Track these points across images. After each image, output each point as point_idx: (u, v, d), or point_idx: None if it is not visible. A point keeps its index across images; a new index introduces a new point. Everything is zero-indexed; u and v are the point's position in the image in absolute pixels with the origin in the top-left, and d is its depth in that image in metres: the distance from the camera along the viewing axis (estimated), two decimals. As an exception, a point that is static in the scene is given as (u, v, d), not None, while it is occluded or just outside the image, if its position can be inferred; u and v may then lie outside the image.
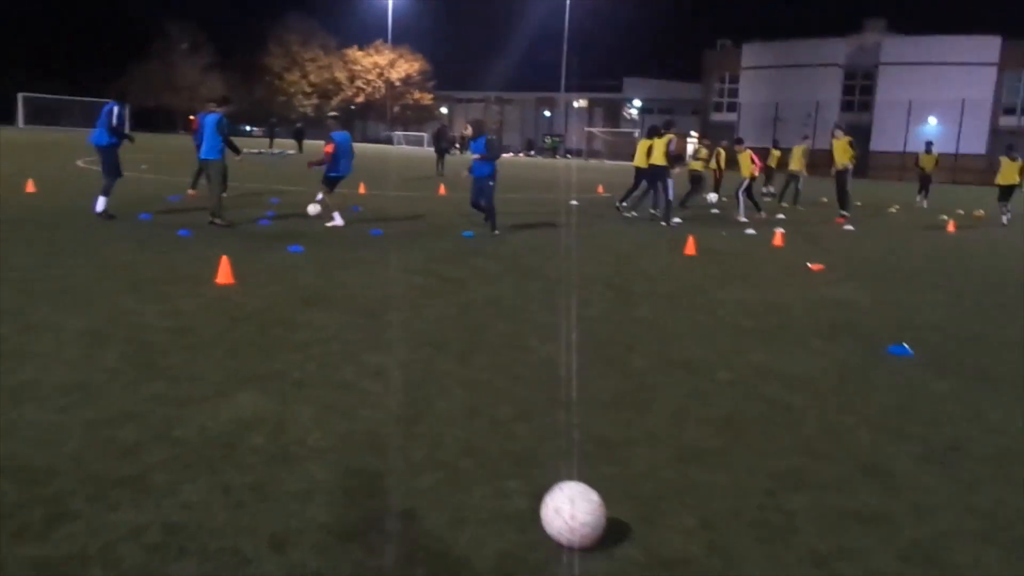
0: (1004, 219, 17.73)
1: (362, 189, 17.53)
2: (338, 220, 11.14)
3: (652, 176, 14.12)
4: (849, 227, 14.86)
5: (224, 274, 6.97)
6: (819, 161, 22.60)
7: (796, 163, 19.86)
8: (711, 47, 58.30)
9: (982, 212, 18.19)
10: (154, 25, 70.49)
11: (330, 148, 10.92)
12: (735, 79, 54.32)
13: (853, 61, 49.14)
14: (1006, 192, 17.88)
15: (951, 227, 15.30)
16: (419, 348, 5.20)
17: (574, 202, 18.13)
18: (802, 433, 4.00)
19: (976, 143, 43.44)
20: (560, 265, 8.95)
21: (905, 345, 5.69)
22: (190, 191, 14.25)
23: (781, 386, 4.75)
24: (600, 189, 22.74)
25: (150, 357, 4.69)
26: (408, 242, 10.24)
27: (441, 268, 8.35)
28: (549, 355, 5.19)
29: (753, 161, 15.66)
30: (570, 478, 3.28)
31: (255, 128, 44.07)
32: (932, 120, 44.29)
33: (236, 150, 11.15)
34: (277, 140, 40.93)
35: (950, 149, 41.46)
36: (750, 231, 13.28)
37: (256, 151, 34.20)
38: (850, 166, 15.75)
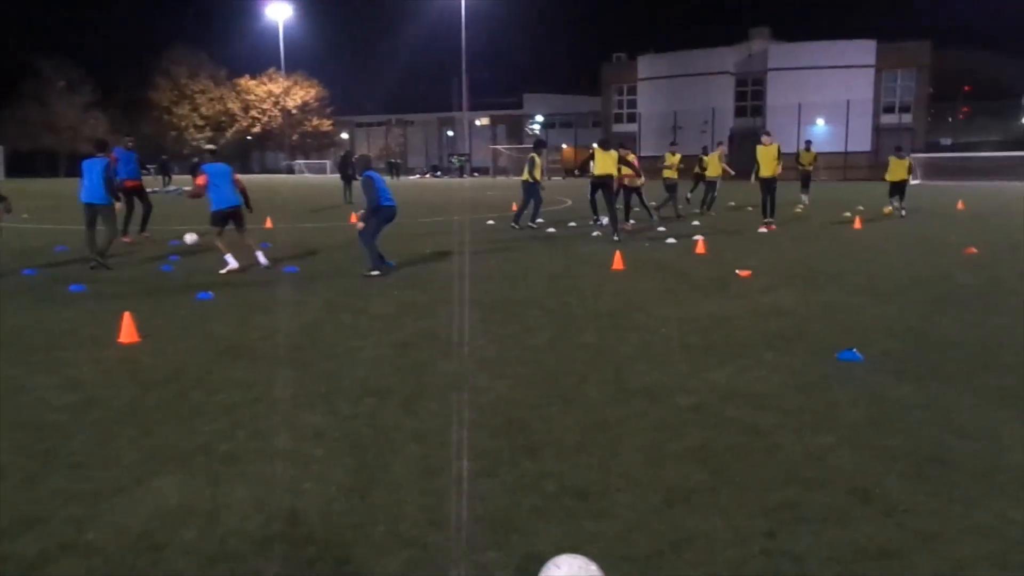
0: (900, 213, 18.53)
1: (268, 223, 16.75)
2: (232, 263, 10.16)
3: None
4: (762, 229, 15.13)
5: (128, 331, 6.30)
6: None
7: (714, 170, 19.89)
8: (607, 60, 59.57)
9: (890, 209, 18.91)
10: (25, 63, 66.49)
11: (201, 180, 10.16)
12: (633, 90, 55.60)
13: (743, 68, 51.13)
14: (897, 187, 18.70)
15: (858, 223, 15.81)
16: (359, 399, 4.74)
17: (490, 222, 17.86)
18: (784, 459, 3.78)
19: (862, 141, 45.84)
20: (490, 290, 8.61)
21: (855, 351, 5.61)
22: (124, 239, 12.97)
23: (747, 407, 4.54)
24: (514, 206, 22.53)
25: (48, 443, 4.06)
26: (326, 278, 9.68)
27: (366, 303, 7.87)
28: (501, 394, 4.83)
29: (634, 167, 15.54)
30: (554, 543, 2.94)
31: (148, 166, 41.94)
32: (820, 121, 46.49)
33: (116, 196, 10.52)
34: (173, 176, 39.01)
35: (839, 148, 43.77)
36: (670, 240, 13.30)
37: (150, 190, 32.54)
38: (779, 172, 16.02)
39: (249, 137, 78.79)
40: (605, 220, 14.81)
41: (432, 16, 72.33)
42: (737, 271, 9.61)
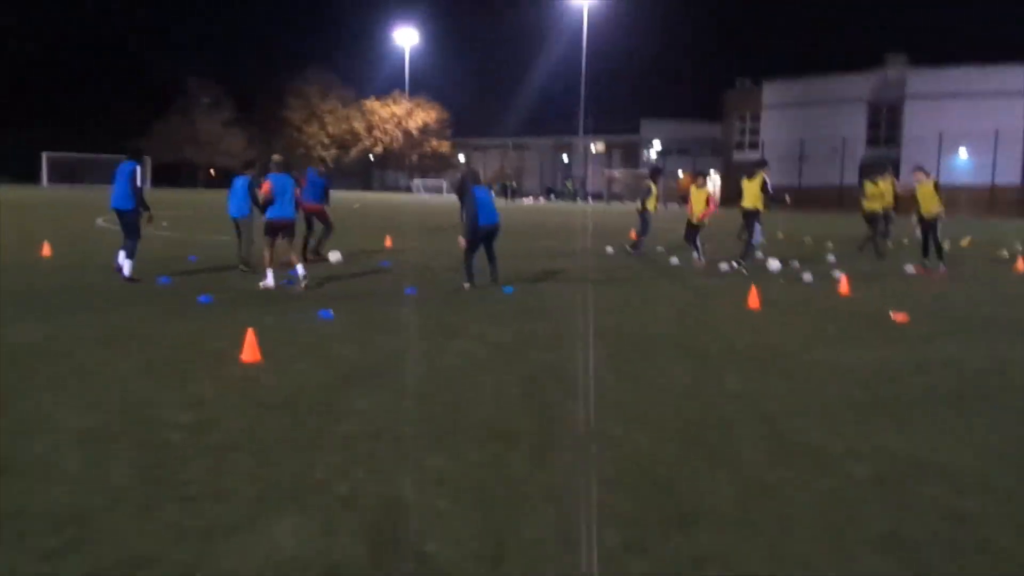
0: None
1: (388, 242, 16.86)
2: (269, 280, 9.87)
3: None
4: (911, 270, 13.86)
5: (250, 350, 6.17)
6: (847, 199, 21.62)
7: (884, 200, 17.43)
8: (731, 86, 58.03)
9: None
10: (175, 82, 71.71)
11: (266, 187, 10.06)
12: (756, 117, 53.83)
13: (878, 96, 48.49)
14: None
15: (1021, 264, 14.28)
16: (485, 443, 4.33)
17: (609, 249, 17.33)
18: (1003, 560, 3.08)
19: (1011, 173, 42.40)
20: (616, 323, 8.09)
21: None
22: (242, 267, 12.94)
23: (940, 484, 3.82)
24: (633, 234, 21.93)
25: (165, 467, 3.86)
26: (445, 301, 9.43)
27: (486, 330, 7.51)
28: (640, 447, 4.31)
29: (708, 203, 14.45)
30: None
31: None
32: (963, 152, 43.39)
33: (260, 208, 10.57)
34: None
35: (985, 180, 40.62)
36: (806, 277, 12.36)
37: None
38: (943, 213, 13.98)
39: (372, 156, 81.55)
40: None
41: (553, 41, 72.79)
42: (892, 314, 8.69)
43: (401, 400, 5.12)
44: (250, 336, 6.23)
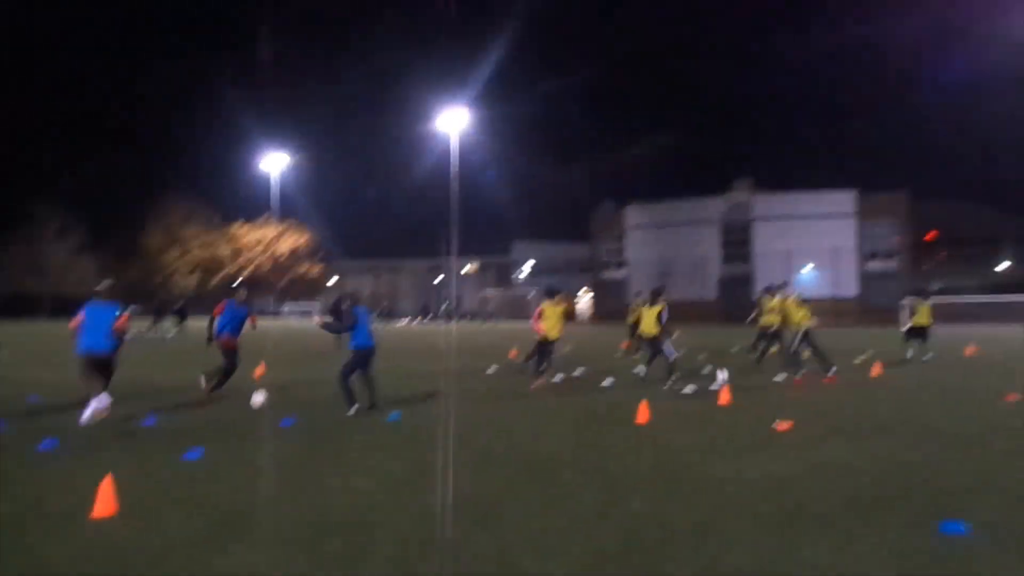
0: (926, 357, 18.13)
1: (260, 370, 15.94)
2: (88, 409, 9.02)
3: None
4: (777, 379, 14.48)
5: (105, 502, 5.40)
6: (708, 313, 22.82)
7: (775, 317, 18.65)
8: (596, 209, 61.19)
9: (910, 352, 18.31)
10: (19, 209, 67.38)
11: (77, 319, 9.37)
12: (621, 238, 56.73)
13: (729, 217, 52.49)
14: (919, 332, 18.44)
15: (877, 369, 15.22)
16: (390, 593, 3.86)
17: (490, 370, 17.15)
18: None
19: (848, 286, 46.45)
20: (513, 445, 7.78)
21: (959, 522, 4.82)
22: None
23: (869, 601, 3.70)
24: (513, 353, 21.95)
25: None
26: (329, 433, 8.82)
27: (378, 463, 7.00)
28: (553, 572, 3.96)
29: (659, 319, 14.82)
30: None
31: (136, 306, 41.00)
32: (809, 266, 47.24)
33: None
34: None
35: (827, 293, 44.18)
36: (688, 388, 12.60)
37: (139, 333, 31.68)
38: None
39: (235, 284, 79.10)
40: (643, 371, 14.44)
41: (423, 167, 74.86)
42: (776, 424, 8.87)
43: (286, 551, 4.55)
44: (106, 484, 5.48)
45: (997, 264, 68.48)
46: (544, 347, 14.44)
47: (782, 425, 8.77)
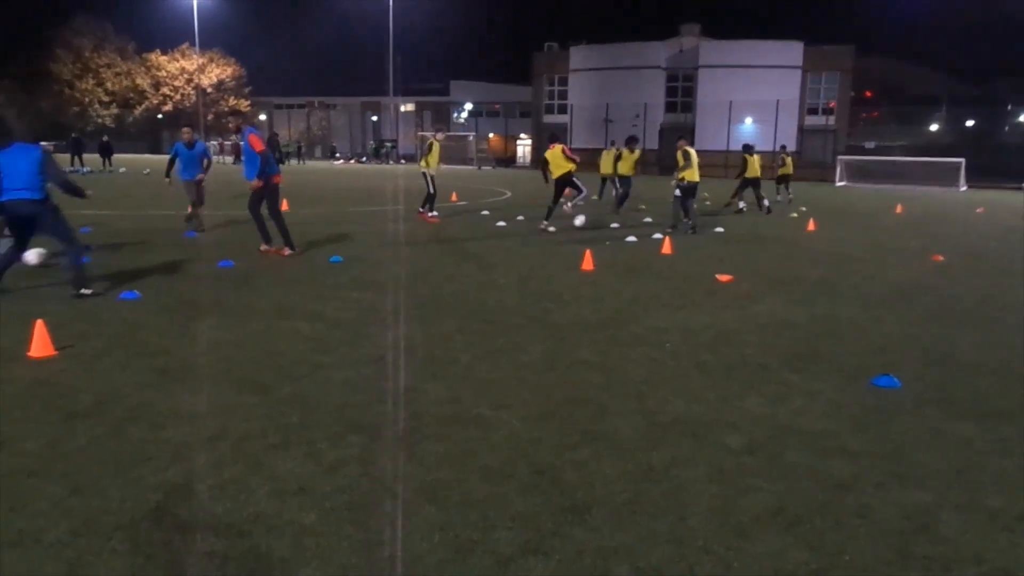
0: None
1: (190, 209, 15.34)
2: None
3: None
4: (719, 228, 14.75)
5: (41, 344, 5.21)
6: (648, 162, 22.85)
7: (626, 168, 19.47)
8: (539, 50, 58.91)
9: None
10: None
11: None
12: (564, 81, 55.12)
13: (674, 64, 51.32)
14: (784, 180, 23.21)
15: (811, 225, 15.61)
16: (343, 438, 3.88)
17: (433, 213, 16.93)
18: (886, 528, 3.13)
19: (788, 140, 46.71)
20: (458, 292, 7.78)
21: (892, 376, 5.07)
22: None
23: (806, 450, 3.90)
24: (454, 197, 21.67)
25: (-59, 507, 3.06)
26: (268, 274, 8.65)
27: (322, 307, 6.92)
28: (514, 431, 4.05)
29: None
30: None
31: (52, 143, 38.02)
32: (748, 120, 47.14)
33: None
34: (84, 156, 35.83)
35: (768, 147, 44.29)
36: (631, 239, 12.73)
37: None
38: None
39: (160, 116, 74.66)
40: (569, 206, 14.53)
41: (358, -3, 69.91)
42: (717, 276, 9.08)
43: (235, 395, 4.50)
44: (39, 328, 5.26)
45: (930, 124, 69.83)
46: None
47: (723, 278, 8.98)
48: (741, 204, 19.38)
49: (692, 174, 13.89)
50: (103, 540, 2.86)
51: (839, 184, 38.54)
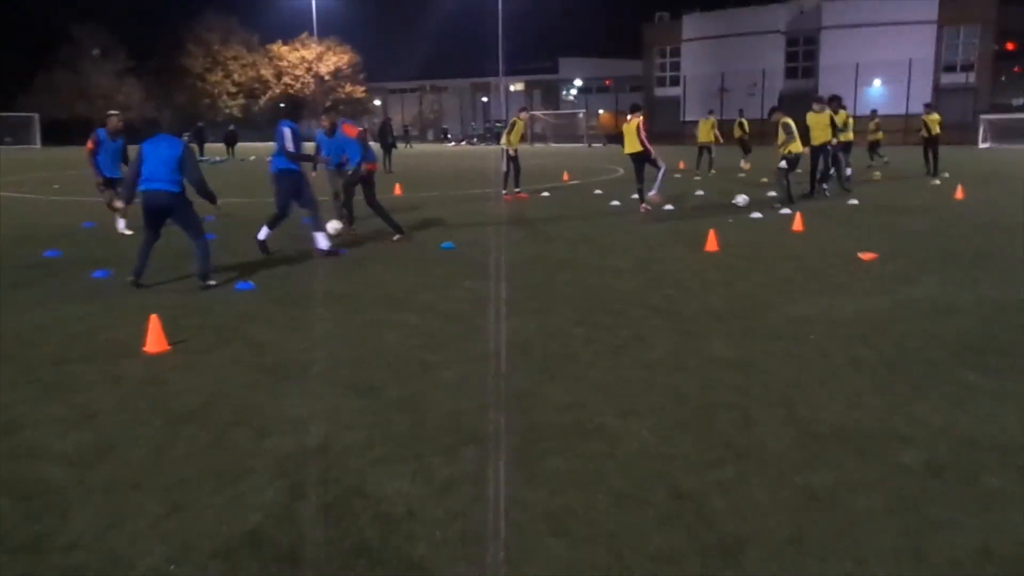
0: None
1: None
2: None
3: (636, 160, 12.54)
4: (853, 200, 13.58)
5: (155, 339, 5.15)
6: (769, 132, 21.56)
7: (705, 136, 22.14)
8: (649, 20, 57.14)
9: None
10: (59, 31, 65.77)
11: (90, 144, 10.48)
12: (676, 52, 53.18)
13: (794, 27, 48.47)
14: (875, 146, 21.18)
15: (959, 192, 14.15)
16: (456, 450, 3.51)
17: (545, 193, 16.51)
18: None
19: (923, 102, 43.32)
20: (574, 280, 7.32)
21: (1097, 374, 4.25)
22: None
23: (1001, 467, 3.22)
24: (566, 176, 21.17)
25: (41, 524, 2.90)
26: (381, 263, 8.46)
27: (433, 298, 6.63)
28: (645, 444, 3.57)
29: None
30: None
31: (184, 134, 40.33)
32: (877, 82, 43.98)
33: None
34: (207, 146, 37.72)
35: (899, 111, 41.23)
36: (755, 214, 11.86)
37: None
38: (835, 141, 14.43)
39: (283, 104, 77.69)
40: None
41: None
42: (859, 254, 8.20)
43: (341, 398, 4.24)
44: (154, 323, 5.20)
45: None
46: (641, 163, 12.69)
47: (866, 256, 8.10)
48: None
49: (796, 146, 13.10)
50: (198, 570, 2.60)
51: (983, 146, 35.41)
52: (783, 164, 13.14)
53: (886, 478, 3.19)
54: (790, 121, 13.27)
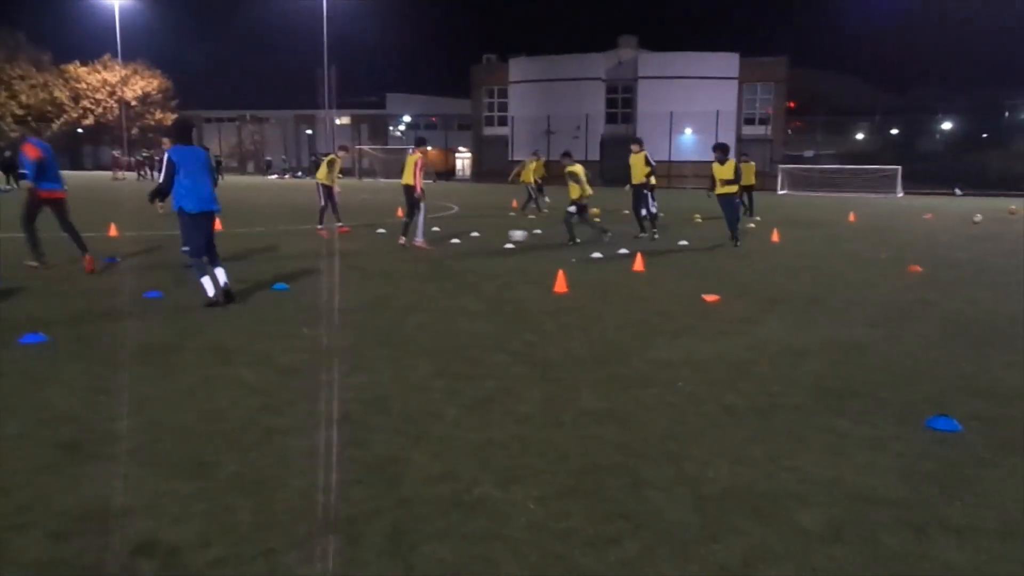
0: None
1: (113, 231, 13.99)
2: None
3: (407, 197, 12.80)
4: (683, 242, 14.17)
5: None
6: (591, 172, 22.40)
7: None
8: (477, 62, 58.27)
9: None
10: None
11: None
12: (504, 93, 54.61)
13: (613, 75, 51.33)
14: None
15: (775, 236, 15.17)
16: (309, 545, 2.92)
17: (381, 230, 15.93)
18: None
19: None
20: (426, 324, 6.84)
21: (950, 417, 4.37)
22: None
23: (905, 529, 3.12)
24: (399, 212, 20.63)
25: None
26: (210, 310, 7.52)
27: (268, 348, 5.90)
28: (535, 521, 3.16)
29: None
30: None
31: None
32: (688, 131, 47.39)
33: None
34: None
35: (707, 158, 44.48)
36: (596, 255, 11.99)
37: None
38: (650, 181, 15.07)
39: (80, 130, 71.24)
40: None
41: (291, 6, 67.99)
42: (703, 296, 8.36)
43: (168, 482, 3.48)
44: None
45: (855, 133, 71.83)
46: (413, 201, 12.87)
47: (710, 298, 8.27)
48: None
49: (585, 191, 13.62)
50: None
51: (781, 192, 38.92)
52: (572, 208, 13.53)
53: (792, 546, 2.98)
54: (577, 170, 13.68)
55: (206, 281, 7.60)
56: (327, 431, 4.14)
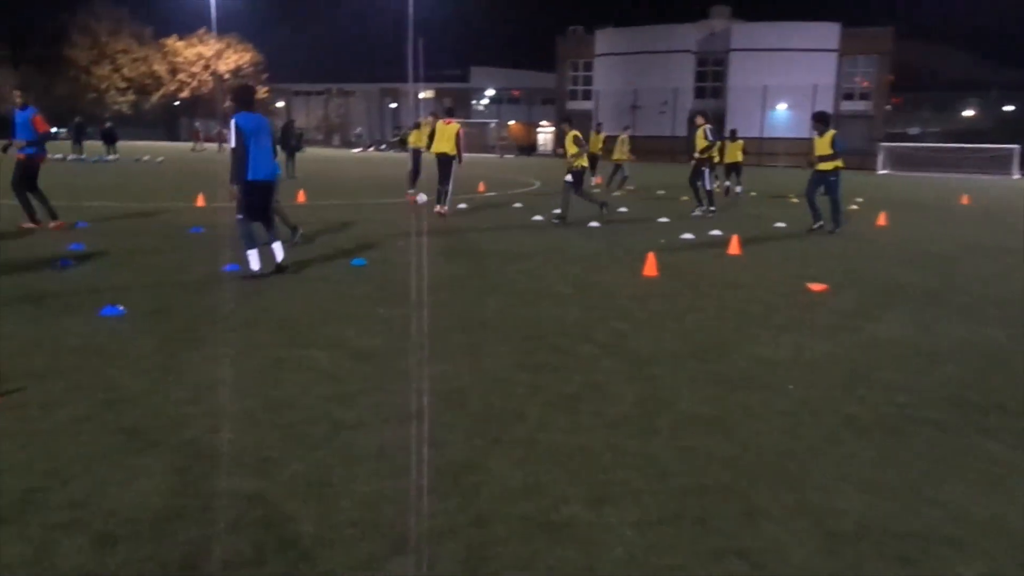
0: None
1: (200, 201, 14.11)
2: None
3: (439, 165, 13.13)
4: (780, 224, 13.31)
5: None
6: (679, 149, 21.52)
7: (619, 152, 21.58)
8: (562, 34, 57.17)
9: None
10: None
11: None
12: (589, 66, 53.43)
13: (704, 47, 49.49)
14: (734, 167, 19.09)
15: (882, 219, 14.10)
16: (381, 560, 2.55)
17: (463, 205, 15.60)
18: None
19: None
20: (507, 310, 6.42)
21: None
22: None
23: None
24: (481, 187, 20.33)
25: None
26: (285, 286, 7.32)
27: (342, 329, 5.60)
28: (627, 545, 2.70)
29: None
30: None
31: (60, 129, 36.82)
32: (782, 106, 45.32)
33: None
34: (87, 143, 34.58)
35: (803, 134, 42.42)
36: (687, 235, 11.32)
37: (62, 157, 28.88)
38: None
39: (177, 102, 73.73)
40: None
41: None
42: (808, 284, 7.67)
43: (227, 480, 3.19)
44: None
45: (964, 110, 67.51)
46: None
47: (816, 287, 7.57)
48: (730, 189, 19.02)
49: (583, 160, 13.06)
50: None
51: (881, 172, 36.78)
52: (568, 178, 12.74)
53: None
54: (579, 134, 13.07)
55: (252, 254, 7.39)
56: (398, 428, 3.78)
